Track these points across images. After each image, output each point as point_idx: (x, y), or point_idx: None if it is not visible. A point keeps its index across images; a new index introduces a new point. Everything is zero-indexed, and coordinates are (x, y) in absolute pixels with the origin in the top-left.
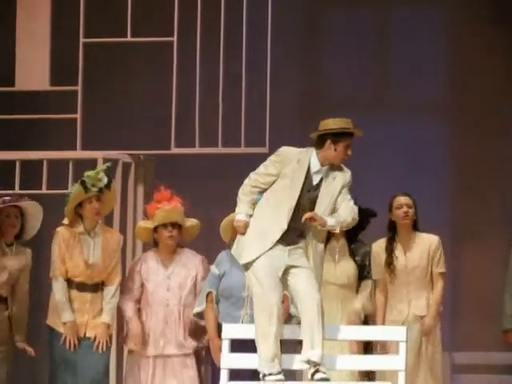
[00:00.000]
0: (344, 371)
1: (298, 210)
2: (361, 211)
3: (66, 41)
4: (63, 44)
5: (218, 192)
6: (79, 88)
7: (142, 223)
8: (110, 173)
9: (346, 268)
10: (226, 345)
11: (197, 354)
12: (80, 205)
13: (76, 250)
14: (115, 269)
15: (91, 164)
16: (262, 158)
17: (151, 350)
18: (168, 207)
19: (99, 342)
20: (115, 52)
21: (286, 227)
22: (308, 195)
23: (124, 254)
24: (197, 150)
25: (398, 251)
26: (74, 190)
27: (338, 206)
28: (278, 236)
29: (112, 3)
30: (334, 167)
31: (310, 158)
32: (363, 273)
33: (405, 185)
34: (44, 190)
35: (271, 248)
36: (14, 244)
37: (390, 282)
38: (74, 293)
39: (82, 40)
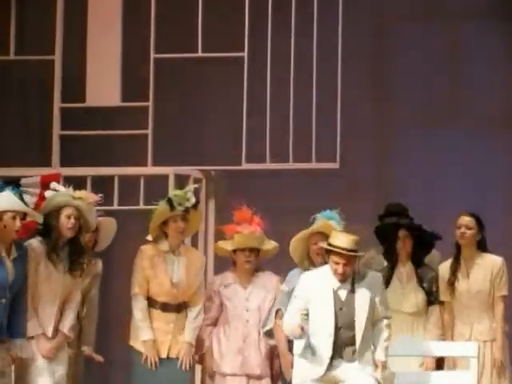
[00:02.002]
0: None
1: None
2: (426, 234)
3: (137, 56)
4: (134, 60)
5: (289, 207)
6: (150, 104)
7: (222, 244)
8: (197, 193)
9: (415, 296)
10: (298, 360)
11: (272, 377)
12: (165, 223)
13: (161, 269)
14: (199, 289)
15: (162, 180)
16: (333, 173)
17: (228, 369)
18: (247, 232)
19: (182, 362)
20: (186, 67)
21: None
22: (341, 313)
23: None
24: (267, 165)
25: (462, 273)
26: (159, 207)
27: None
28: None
29: (183, 19)
30: (360, 275)
31: (330, 276)
32: (430, 298)
33: (472, 201)
34: (115, 206)
35: None
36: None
37: (451, 303)
38: (158, 313)
39: (152, 55)
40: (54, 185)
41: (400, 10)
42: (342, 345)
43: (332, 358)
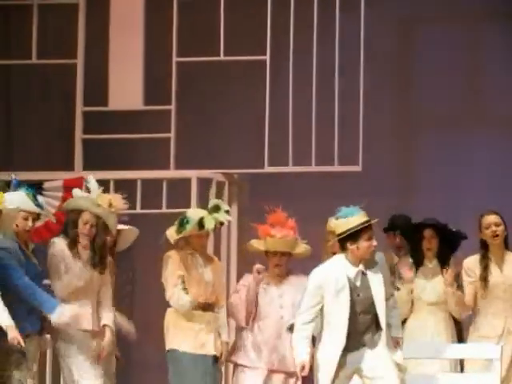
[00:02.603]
0: None
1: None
2: (451, 234)
3: (160, 60)
4: (156, 63)
5: (312, 210)
6: (173, 107)
7: (255, 243)
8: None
9: (438, 286)
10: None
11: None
12: None
13: (194, 269)
14: (225, 288)
15: (185, 183)
16: (355, 176)
17: (262, 363)
18: (280, 235)
19: (221, 360)
20: (208, 71)
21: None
22: (359, 299)
23: None
24: (290, 168)
25: (493, 267)
26: (190, 225)
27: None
28: None
29: (205, 22)
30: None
31: (343, 266)
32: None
33: (493, 202)
34: (138, 210)
35: None
36: None
37: (482, 297)
38: (198, 314)
39: (175, 59)
40: (90, 178)
41: (424, 9)
42: (363, 331)
43: (350, 348)
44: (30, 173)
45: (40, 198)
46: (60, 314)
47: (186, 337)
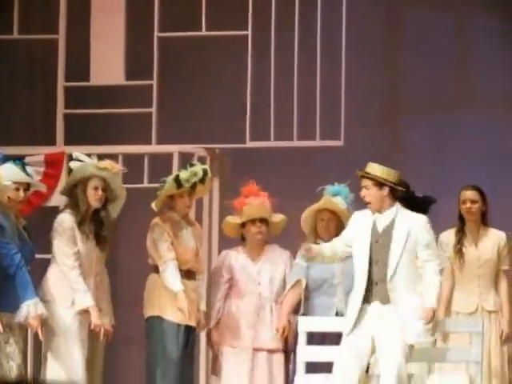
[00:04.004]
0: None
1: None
2: (421, 201)
3: (141, 35)
4: (138, 38)
5: (293, 185)
6: (154, 82)
7: (230, 218)
8: (205, 171)
9: None
10: (302, 338)
11: (286, 351)
12: (171, 196)
13: (181, 236)
14: (203, 257)
15: (167, 158)
16: (337, 151)
17: (242, 342)
18: (256, 202)
19: (201, 331)
20: (190, 46)
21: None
22: (376, 246)
23: None
24: (272, 143)
25: (468, 242)
26: (166, 185)
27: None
28: None
29: None
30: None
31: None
32: None
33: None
34: None
35: None
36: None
37: (459, 269)
38: (184, 282)
39: (156, 34)
40: (76, 154)
41: None
42: (376, 282)
43: (365, 299)
44: (11, 147)
45: (29, 169)
46: (27, 312)
47: (167, 305)
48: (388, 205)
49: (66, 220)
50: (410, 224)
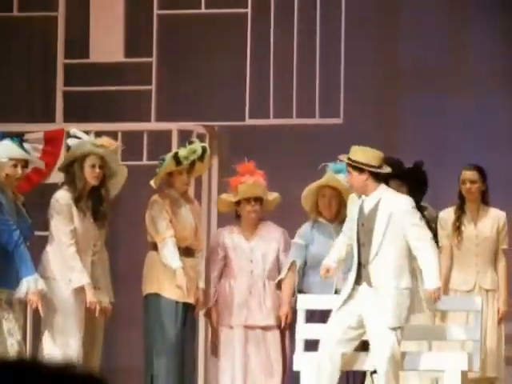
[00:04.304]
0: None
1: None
2: (413, 171)
3: (141, 12)
4: (137, 16)
5: (292, 163)
6: (154, 60)
7: (225, 196)
8: (205, 149)
9: None
10: (301, 315)
11: (280, 327)
12: (170, 173)
13: (180, 214)
14: (202, 234)
15: (165, 136)
16: (337, 128)
17: (234, 320)
18: (251, 181)
19: (200, 309)
20: (189, 23)
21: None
22: (363, 229)
23: None
24: (271, 120)
25: (468, 220)
26: (165, 163)
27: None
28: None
29: None
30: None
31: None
32: (436, 239)
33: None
34: (118, 162)
35: None
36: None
37: (458, 247)
38: (182, 259)
39: (156, 12)
40: (74, 131)
41: None
42: (363, 265)
43: (356, 281)
44: (10, 124)
45: (26, 145)
46: (27, 288)
47: (165, 282)
48: (372, 188)
49: (62, 197)
50: (393, 206)
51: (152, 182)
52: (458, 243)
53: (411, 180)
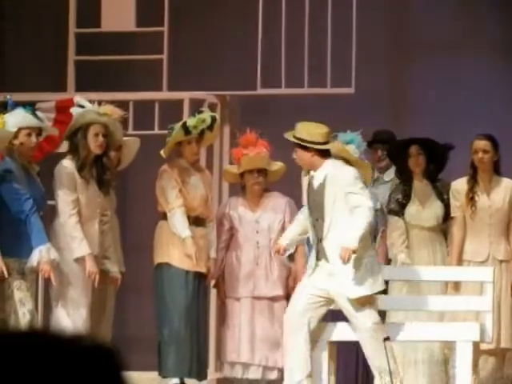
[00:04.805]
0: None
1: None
2: (438, 147)
3: None
4: None
5: None
6: (165, 29)
7: (229, 168)
8: (214, 118)
9: (434, 210)
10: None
11: (288, 297)
12: (179, 143)
13: (189, 183)
14: (213, 203)
15: (177, 105)
16: (348, 98)
17: (242, 292)
18: (253, 153)
19: (211, 278)
20: None
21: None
22: (314, 204)
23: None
24: (283, 90)
25: (480, 190)
26: (174, 132)
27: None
28: None
29: None
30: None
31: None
32: (450, 211)
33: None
34: (130, 131)
35: None
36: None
37: (471, 217)
38: (190, 228)
39: None
40: (78, 100)
41: None
42: (320, 239)
43: (317, 256)
44: (22, 94)
45: (39, 114)
46: (40, 257)
47: (175, 252)
48: (319, 164)
49: (65, 165)
50: (338, 179)
51: (162, 152)
52: (472, 214)
53: (433, 152)
